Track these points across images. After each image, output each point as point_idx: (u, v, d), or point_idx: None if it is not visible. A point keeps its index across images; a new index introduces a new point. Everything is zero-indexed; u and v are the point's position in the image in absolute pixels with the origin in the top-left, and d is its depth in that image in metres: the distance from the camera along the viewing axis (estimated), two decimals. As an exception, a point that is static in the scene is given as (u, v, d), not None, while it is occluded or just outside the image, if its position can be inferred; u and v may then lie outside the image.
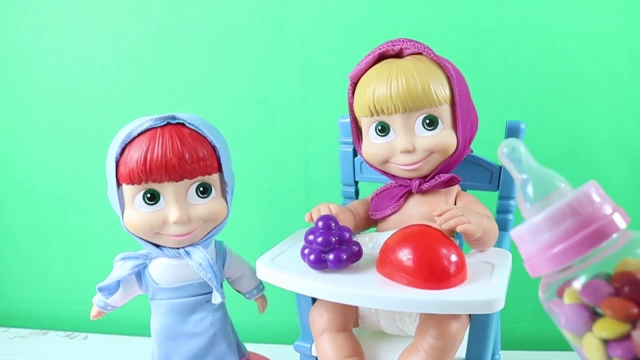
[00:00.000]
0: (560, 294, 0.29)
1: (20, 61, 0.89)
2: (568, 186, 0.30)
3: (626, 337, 0.25)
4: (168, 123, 0.50)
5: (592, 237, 0.27)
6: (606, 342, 0.26)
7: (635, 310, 0.25)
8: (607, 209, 0.28)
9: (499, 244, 0.55)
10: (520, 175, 0.32)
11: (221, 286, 0.54)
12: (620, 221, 0.28)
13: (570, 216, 0.27)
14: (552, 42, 0.76)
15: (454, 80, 0.52)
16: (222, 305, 0.56)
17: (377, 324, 0.55)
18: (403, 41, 0.54)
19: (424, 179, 0.55)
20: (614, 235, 0.28)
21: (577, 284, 0.28)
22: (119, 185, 0.50)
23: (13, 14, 0.87)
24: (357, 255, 0.48)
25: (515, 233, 0.31)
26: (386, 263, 0.46)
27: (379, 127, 0.54)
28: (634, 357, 0.24)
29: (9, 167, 0.93)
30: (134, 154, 0.49)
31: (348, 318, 0.54)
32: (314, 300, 0.55)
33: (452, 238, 0.48)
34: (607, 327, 0.25)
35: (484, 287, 0.44)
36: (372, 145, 0.55)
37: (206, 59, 0.84)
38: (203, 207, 0.52)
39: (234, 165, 0.56)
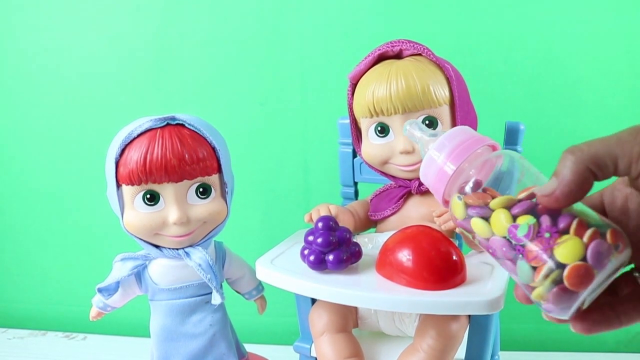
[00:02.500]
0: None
1: (20, 62, 0.89)
2: None
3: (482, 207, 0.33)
4: (168, 124, 0.50)
5: (469, 145, 0.36)
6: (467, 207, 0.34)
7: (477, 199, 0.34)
8: (481, 136, 0.37)
9: (498, 244, 0.55)
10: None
11: (221, 287, 0.54)
12: (488, 140, 0.37)
13: (451, 139, 0.37)
14: (551, 43, 0.76)
15: (454, 81, 0.52)
16: (221, 306, 0.56)
17: (377, 325, 0.55)
18: (402, 42, 0.54)
19: (424, 179, 0.55)
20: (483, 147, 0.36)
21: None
22: (118, 186, 0.50)
23: (13, 15, 0.87)
24: (356, 255, 0.48)
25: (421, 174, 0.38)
26: (386, 264, 0.46)
27: (379, 128, 0.54)
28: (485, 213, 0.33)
29: (9, 167, 0.93)
30: (134, 155, 0.49)
31: (347, 319, 0.54)
32: (313, 301, 0.55)
33: (451, 239, 0.48)
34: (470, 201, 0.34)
35: (484, 288, 0.44)
36: (372, 146, 0.55)
37: (206, 60, 0.84)
38: (203, 207, 0.52)
39: (233, 166, 0.56)
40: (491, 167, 0.36)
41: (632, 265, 0.33)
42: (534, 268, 0.31)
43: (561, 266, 0.30)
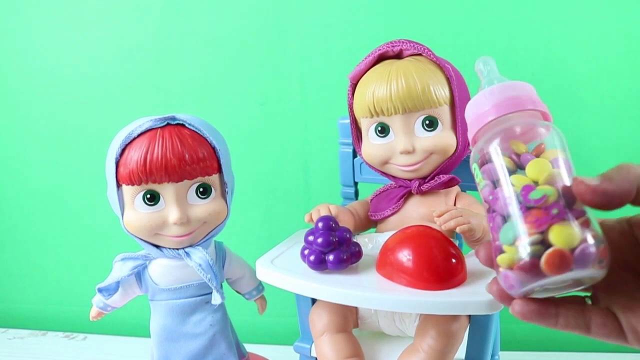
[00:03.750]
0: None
1: (20, 62, 0.89)
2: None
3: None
4: (168, 124, 0.50)
5: (521, 103, 0.36)
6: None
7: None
8: (537, 100, 0.36)
9: (498, 244, 0.55)
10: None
11: (221, 287, 0.54)
12: (544, 108, 0.36)
13: (513, 87, 0.37)
14: (551, 43, 0.76)
15: (454, 81, 0.52)
16: (221, 306, 0.56)
17: (377, 325, 0.55)
18: (403, 42, 0.54)
19: (424, 179, 0.55)
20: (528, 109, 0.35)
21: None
22: (118, 186, 0.50)
23: (14, 15, 0.87)
24: (357, 255, 0.48)
25: (472, 100, 0.38)
26: (386, 264, 0.46)
27: (379, 128, 0.54)
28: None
29: (9, 167, 0.93)
30: (134, 155, 0.49)
31: (348, 319, 0.54)
32: (313, 301, 0.55)
33: (451, 239, 0.48)
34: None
35: (484, 288, 0.44)
36: (372, 146, 0.55)
37: (206, 60, 0.84)
38: (203, 207, 0.52)
39: (233, 166, 0.56)
40: (534, 135, 0.34)
41: (588, 293, 0.34)
42: (519, 231, 0.31)
43: (548, 245, 0.30)
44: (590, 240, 0.30)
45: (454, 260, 0.45)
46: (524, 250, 0.31)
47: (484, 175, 0.35)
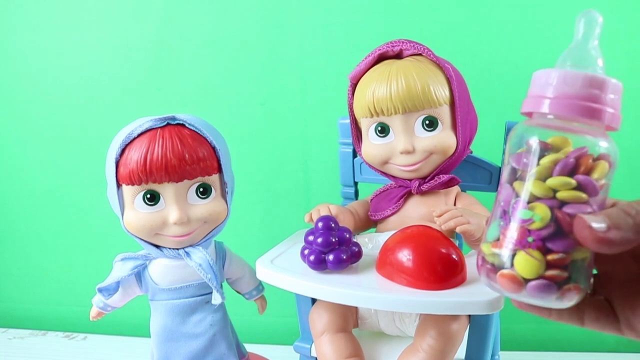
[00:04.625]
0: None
1: (20, 63, 0.89)
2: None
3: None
4: (168, 124, 0.50)
5: (591, 112, 0.31)
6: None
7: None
8: (617, 108, 0.33)
9: (498, 244, 0.55)
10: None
11: (221, 287, 0.54)
12: (616, 123, 0.33)
13: (595, 86, 0.32)
14: (551, 43, 0.76)
15: (454, 81, 0.52)
16: (221, 306, 0.56)
17: (377, 325, 0.55)
18: (403, 42, 0.54)
19: (424, 179, 0.55)
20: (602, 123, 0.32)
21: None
22: (118, 186, 0.50)
23: (14, 15, 0.87)
24: (356, 255, 0.48)
25: (543, 71, 0.34)
26: (386, 264, 0.46)
27: (379, 128, 0.54)
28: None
29: (9, 167, 0.93)
30: (134, 155, 0.49)
31: (348, 319, 0.54)
32: (313, 301, 0.55)
33: (451, 239, 0.48)
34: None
35: (484, 288, 0.43)
36: (372, 146, 0.55)
37: (206, 60, 0.84)
38: (203, 207, 0.52)
39: (233, 166, 0.56)
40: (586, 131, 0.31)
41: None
42: (499, 238, 0.31)
43: (510, 263, 0.30)
44: (550, 279, 0.29)
45: (454, 260, 0.45)
46: (492, 257, 0.31)
47: (511, 157, 0.32)
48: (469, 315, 0.49)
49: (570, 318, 0.33)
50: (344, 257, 0.47)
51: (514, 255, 0.30)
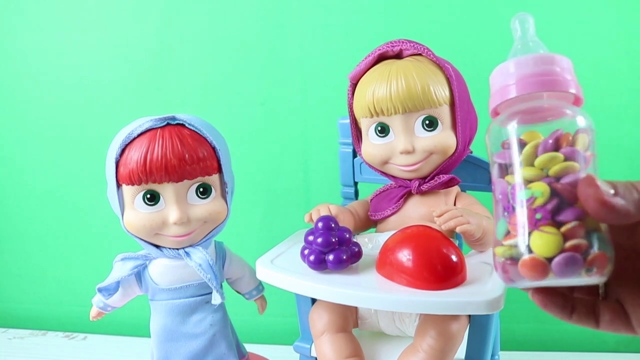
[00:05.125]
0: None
1: (21, 63, 0.89)
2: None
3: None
4: (168, 124, 0.50)
5: (552, 83, 0.32)
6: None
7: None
8: (570, 80, 0.33)
9: (498, 244, 0.55)
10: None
11: (221, 287, 0.54)
12: (579, 92, 0.33)
13: (547, 62, 0.33)
14: (551, 42, 0.76)
15: (454, 81, 0.52)
16: (221, 306, 0.56)
17: (377, 325, 0.55)
18: (403, 42, 0.54)
19: (424, 179, 0.55)
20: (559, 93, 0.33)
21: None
22: (118, 186, 0.50)
23: (14, 16, 0.87)
24: (356, 255, 0.48)
25: (498, 68, 0.36)
26: (386, 264, 0.46)
27: (379, 128, 0.54)
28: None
29: (9, 167, 0.93)
30: (134, 155, 0.49)
31: (348, 319, 0.54)
32: (313, 300, 0.55)
33: (451, 239, 0.48)
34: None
35: (484, 287, 0.44)
36: (372, 146, 0.55)
37: (206, 60, 0.84)
38: (203, 207, 0.52)
39: (233, 166, 0.56)
40: (558, 120, 0.32)
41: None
42: (509, 231, 0.31)
43: (527, 250, 0.29)
44: (572, 250, 0.29)
45: (454, 260, 0.45)
46: (505, 251, 0.31)
47: (494, 156, 0.33)
48: (469, 315, 0.49)
49: (588, 321, 0.33)
50: (344, 257, 0.47)
51: (529, 240, 0.29)
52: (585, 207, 0.29)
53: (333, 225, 0.48)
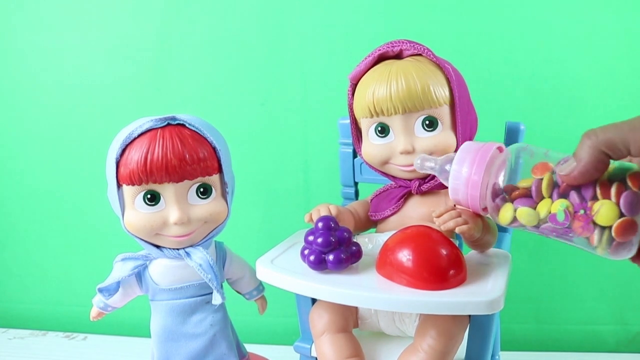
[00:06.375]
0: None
1: (21, 62, 0.89)
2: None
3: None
4: (168, 124, 0.50)
5: (484, 153, 0.42)
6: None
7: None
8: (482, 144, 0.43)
9: (498, 245, 0.55)
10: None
11: (221, 287, 0.54)
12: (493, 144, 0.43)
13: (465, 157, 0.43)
14: (551, 43, 0.76)
15: (454, 81, 0.52)
16: (222, 306, 0.56)
17: (377, 325, 0.55)
18: (403, 42, 0.54)
19: (424, 180, 0.55)
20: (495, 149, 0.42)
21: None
22: (119, 186, 0.51)
23: (14, 15, 0.87)
24: (356, 256, 0.48)
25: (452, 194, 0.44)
26: (386, 264, 0.46)
27: (379, 128, 0.54)
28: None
29: (9, 167, 0.93)
30: (135, 155, 0.49)
31: (348, 319, 0.54)
32: (313, 301, 0.55)
33: (451, 239, 0.48)
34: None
35: (484, 288, 0.44)
36: (372, 146, 0.55)
37: (206, 60, 0.84)
38: (203, 208, 0.52)
39: (234, 166, 0.56)
40: (503, 165, 0.40)
41: None
42: (587, 237, 0.35)
43: (607, 228, 0.34)
44: (620, 193, 0.34)
45: (454, 261, 0.45)
46: (602, 245, 0.36)
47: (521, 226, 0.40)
48: (469, 316, 0.49)
49: None
50: (344, 257, 0.47)
51: (599, 225, 0.35)
52: (572, 186, 0.36)
53: (333, 225, 0.48)
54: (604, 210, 0.34)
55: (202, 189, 0.51)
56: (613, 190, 0.34)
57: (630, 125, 0.34)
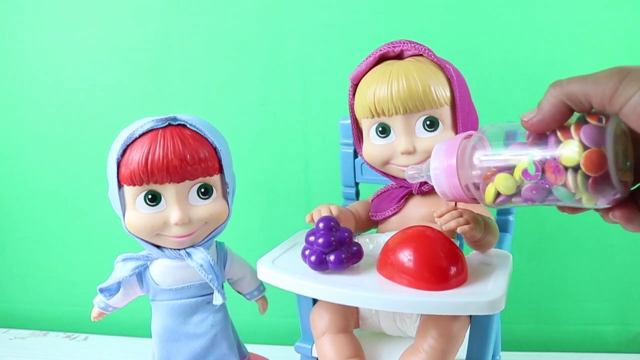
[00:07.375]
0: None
1: (21, 63, 0.89)
2: None
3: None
4: (169, 124, 0.50)
5: (454, 142, 0.42)
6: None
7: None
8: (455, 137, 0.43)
9: (499, 245, 0.55)
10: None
11: (222, 287, 0.55)
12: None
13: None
14: (551, 43, 0.76)
15: (455, 81, 0.52)
16: (223, 307, 0.56)
17: (378, 325, 0.55)
18: (404, 43, 0.54)
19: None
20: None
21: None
22: (120, 186, 0.51)
23: (14, 15, 0.87)
24: (357, 256, 0.48)
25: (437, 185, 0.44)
26: (387, 264, 0.46)
27: (380, 129, 0.54)
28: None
29: (9, 167, 0.93)
30: (135, 155, 0.49)
31: (349, 319, 0.54)
32: (314, 301, 0.55)
33: (452, 239, 0.48)
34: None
35: (485, 288, 0.44)
36: (373, 146, 0.55)
37: (207, 60, 0.84)
38: (204, 208, 0.52)
39: (235, 167, 0.56)
40: (476, 148, 0.40)
41: None
42: (565, 185, 0.34)
43: (577, 167, 0.33)
44: (578, 130, 0.34)
45: (455, 261, 0.45)
46: (580, 188, 0.34)
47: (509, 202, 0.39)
48: (470, 316, 0.49)
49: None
50: (345, 258, 0.47)
51: (567, 165, 0.34)
52: (532, 131, 0.37)
53: (334, 225, 0.48)
54: (567, 148, 0.34)
55: (203, 190, 0.51)
56: (572, 129, 0.34)
57: (594, 78, 0.33)
